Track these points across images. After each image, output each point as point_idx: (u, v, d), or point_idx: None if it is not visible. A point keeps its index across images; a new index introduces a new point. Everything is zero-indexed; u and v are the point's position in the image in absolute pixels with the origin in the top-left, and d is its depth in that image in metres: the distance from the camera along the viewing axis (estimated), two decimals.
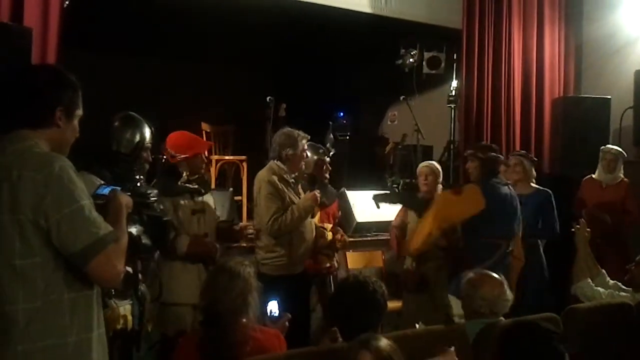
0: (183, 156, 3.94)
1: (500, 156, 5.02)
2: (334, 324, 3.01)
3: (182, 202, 3.89)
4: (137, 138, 3.23)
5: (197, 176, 4.01)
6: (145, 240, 2.37)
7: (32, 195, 1.90)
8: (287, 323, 3.09)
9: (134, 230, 2.32)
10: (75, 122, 2.16)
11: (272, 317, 3.21)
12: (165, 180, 3.89)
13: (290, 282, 4.28)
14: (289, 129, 4.48)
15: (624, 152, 5.76)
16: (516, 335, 2.46)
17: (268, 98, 6.47)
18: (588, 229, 4.15)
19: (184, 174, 3.96)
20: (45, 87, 2.10)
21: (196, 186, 3.97)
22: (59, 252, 1.94)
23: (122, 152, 3.19)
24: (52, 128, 2.08)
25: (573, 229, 4.21)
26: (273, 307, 3.30)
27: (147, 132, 3.30)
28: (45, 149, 2.04)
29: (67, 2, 4.63)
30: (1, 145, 2.02)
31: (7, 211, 1.91)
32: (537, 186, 5.32)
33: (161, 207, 2.93)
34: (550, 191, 5.26)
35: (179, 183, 3.92)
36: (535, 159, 5.57)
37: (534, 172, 5.37)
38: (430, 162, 5.23)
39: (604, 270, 4.00)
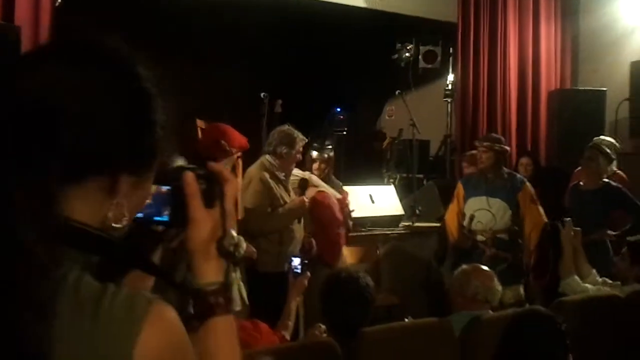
0: (238, 152, 3.79)
1: (508, 148, 5.11)
2: (323, 318, 3.01)
3: None
4: None
5: None
6: None
7: None
8: (305, 281, 3.18)
9: None
10: None
11: (294, 272, 3.27)
12: None
13: (278, 279, 4.26)
14: (289, 127, 4.41)
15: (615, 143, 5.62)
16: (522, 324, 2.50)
17: (262, 94, 6.44)
18: (577, 228, 4.07)
19: None
20: None
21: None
22: None
23: None
24: None
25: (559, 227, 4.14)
26: (296, 262, 3.34)
27: None
28: None
29: (59, 1, 4.63)
30: None
31: None
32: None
33: None
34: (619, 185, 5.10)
35: None
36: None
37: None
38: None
39: (594, 270, 3.97)
